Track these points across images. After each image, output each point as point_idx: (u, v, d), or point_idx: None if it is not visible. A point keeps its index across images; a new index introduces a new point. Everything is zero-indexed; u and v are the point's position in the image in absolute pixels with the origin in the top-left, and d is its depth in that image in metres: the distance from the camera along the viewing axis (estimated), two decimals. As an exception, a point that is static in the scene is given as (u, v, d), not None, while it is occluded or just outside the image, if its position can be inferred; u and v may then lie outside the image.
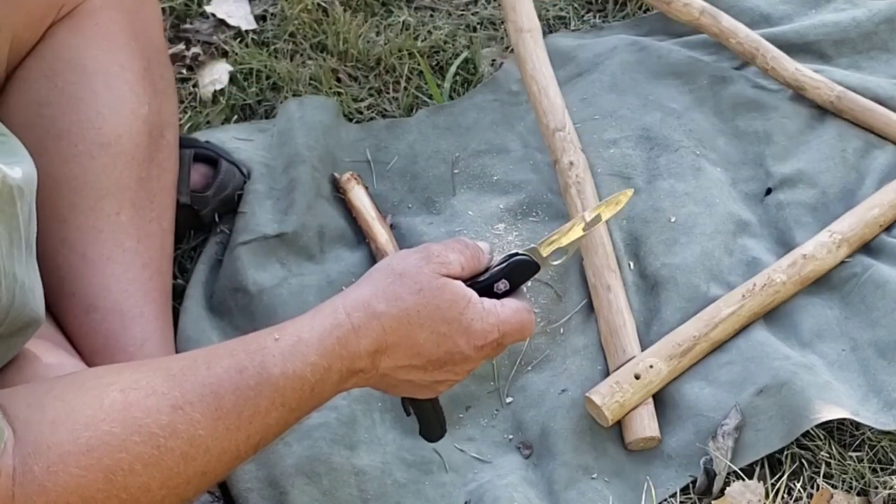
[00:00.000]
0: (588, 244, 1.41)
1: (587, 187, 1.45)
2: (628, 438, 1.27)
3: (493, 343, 1.05)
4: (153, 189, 1.30)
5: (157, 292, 1.27)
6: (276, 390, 0.96)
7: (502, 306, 1.05)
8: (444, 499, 1.26)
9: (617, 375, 1.29)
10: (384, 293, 1.01)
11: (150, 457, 0.89)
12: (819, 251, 1.39)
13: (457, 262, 1.04)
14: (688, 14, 1.61)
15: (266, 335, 0.99)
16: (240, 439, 0.95)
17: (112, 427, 0.88)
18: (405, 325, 1.01)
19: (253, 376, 0.95)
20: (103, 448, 0.87)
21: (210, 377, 0.94)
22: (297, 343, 0.98)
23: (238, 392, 0.94)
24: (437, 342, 1.03)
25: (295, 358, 0.97)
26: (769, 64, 1.57)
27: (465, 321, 1.03)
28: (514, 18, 1.56)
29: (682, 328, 1.33)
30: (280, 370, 0.96)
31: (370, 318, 1.00)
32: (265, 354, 0.96)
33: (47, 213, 1.22)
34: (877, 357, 1.32)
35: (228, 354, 0.96)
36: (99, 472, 0.87)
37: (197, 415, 0.92)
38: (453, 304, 1.02)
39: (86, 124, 1.24)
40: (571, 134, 1.49)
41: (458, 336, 1.03)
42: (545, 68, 1.54)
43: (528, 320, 1.07)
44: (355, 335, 1.00)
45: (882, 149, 1.52)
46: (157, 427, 0.90)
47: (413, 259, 1.03)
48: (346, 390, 1.05)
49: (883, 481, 1.23)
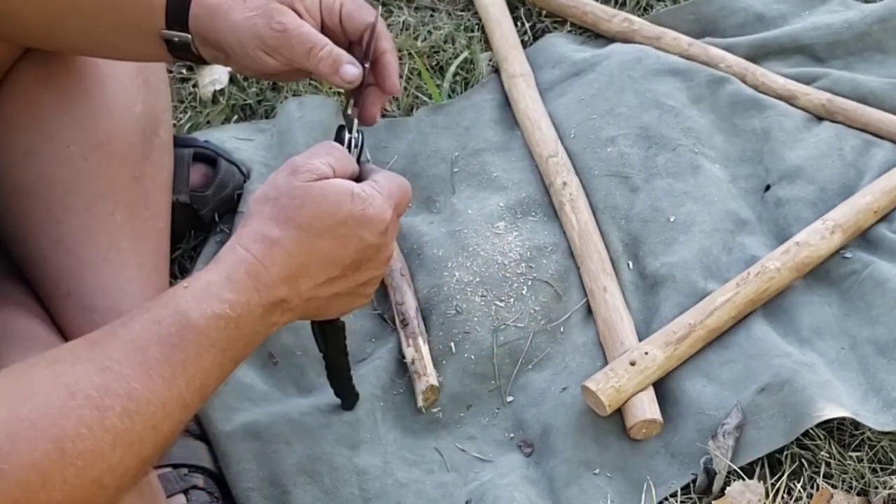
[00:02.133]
0: (584, 251, 1.43)
1: (580, 203, 1.48)
2: (629, 423, 1.27)
3: (392, 221, 1.05)
4: (148, 188, 1.29)
5: (154, 291, 1.27)
6: (199, 332, 0.96)
7: (377, 183, 1.06)
8: (446, 498, 1.26)
9: (612, 364, 1.30)
10: (272, 219, 1.01)
11: (92, 418, 0.89)
12: (812, 237, 1.40)
13: (325, 165, 1.04)
14: (677, 47, 1.68)
15: (175, 287, 0.99)
16: (180, 386, 0.95)
17: (48, 398, 0.88)
18: (305, 241, 1.01)
19: (172, 324, 0.95)
20: (45, 419, 0.87)
21: (129, 334, 0.94)
22: (207, 285, 0.98)
23: (161, 342, 0.94)
24: (344, 244, 1.03)
25: (209, 298, 0.97)
26: (759, 80, 1.63)
27: (358, 213, 1.03)
28: (507, 66, 1.68)
29: (678, 318, 1.34)
30: (198, 313, 0.96)
31: (270, 247, 1.00)
32: (178, 302, 0.97)
33: (41, 215, 1.22)
34: (876, 355, 1.32)
35: (143, 311, 0.97)
36: (47, 442, 0.87)
37: (126, 370, 0.92)
38: (339, 202, 1.02)
39: (78, 125, 1.24)
40: (564, 158, 1.54)
41: (360, 229, 1.03)
42: (538, 106, 1.62)
43: (403, 181, 1.08)
44: (262, 266, 1.00)
45: (880, 146, 1.53)
46: (91, 388, 0.90)
47: (282, 178, 1.03)
48: (278, 325, 1.04)
49: (883, 481, 1.23)
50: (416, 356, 1.34)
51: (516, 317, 1.39)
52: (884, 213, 1.45)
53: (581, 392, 1.29)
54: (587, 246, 1.44)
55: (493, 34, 1.72)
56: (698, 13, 1.75)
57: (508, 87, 1.66)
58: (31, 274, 1.24)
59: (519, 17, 1.77)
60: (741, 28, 1.72)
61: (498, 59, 1.70)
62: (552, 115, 1.61)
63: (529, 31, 1.76)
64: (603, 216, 1.47)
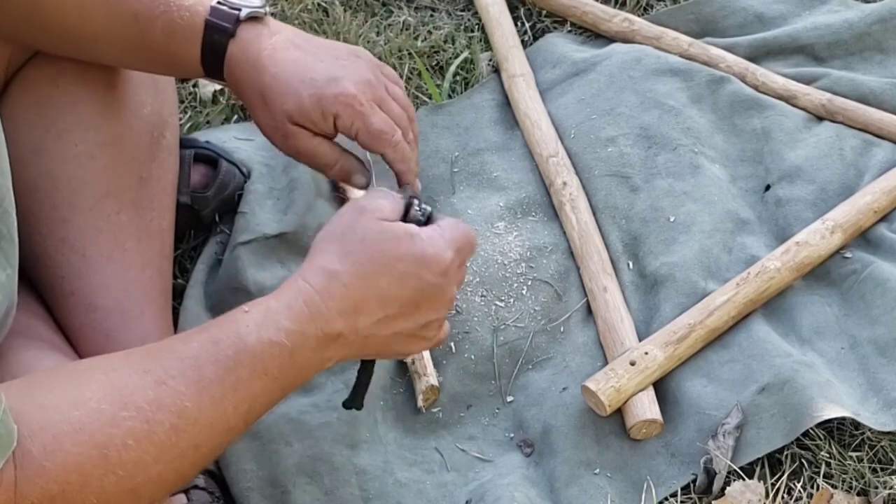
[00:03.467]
0: (583, 251, 1.43)
1: (580, 203, 1.48)
2: (629, 423, 1.27)
3: (453, 263, 1.07)
4: (153, 189, 1.30)
5: (157, 292, 1.28)
6: (254, 357, 0.98)
7: (440, 227, 1.09)
8: (446, 498, 1.26)
9: (612, 364, 1.30)
10: (334, 254, 1.04)
11: (140, 431, 0.91)
12: (812, 237, 1.40)
13: (387, 206, 1.08)
14: (677, 47, 1.68)
15: (236, 310, 1.01)
16: (227, 409, 0.96)
17: (100, 404, 0.90)
18: (364, 276, 1.03)
19: (230, 346, 0.97)
20: (94, 424, 0.89)
21: (188, 351, 0.96)
22: (267, 311, 1.00)
23: (217, 362, 0.96)
24: (401, 282, 1.05)
25: (267, 325, 0.99)
26: (759, 80, 1.63)
27: (418, 252, 1.05)
28: (507, 67, 1.68)
29: (678, 318, 1.34)
30: (255, 337, 0.98)
31: (329, 280, 1.02)
32: (238, 325, 0.98)
33: (47, 213, 1.23)
34: (876, 355, 1.33)
35: (202, 330, 0.99)
36: (93, 448, 0.88)
37: (181, 387, 0.93)
38: (398, 241, 1.05)
39: (86, 124, 1.24)
40: (564, 159, 1.54)
41: (419, 268, 1.05)
42: (538, 106, 1.62)
43: (467, 229, 1.10)
44: (320, 298, 1.02)
45: (880, 146, 1.53)
46: (144, 401, 0.91)
47: (348, 216, 1.07)
48: (332, 360, 1.05)
49: (883, 481, 1.23)
50: (416, 356, 1.34)
51: (516, 317, 1.39)
52: (884, 213, 1.45)
53: (581, 392, 1.29)
54: (587, 246, 1.44)
55: (493, 34, 1.73)
56: (698, 13, 1.75)
57: (508, 87, 1.66)
58: (34, 271, 1.24)
59: (519, 17, 1.77)
60: (741, 28, 1.73)
61: (498, 59, 1.70)
62: (552, 115, 1.61)
63: (529, 31, 1.76)
64: (603, 216, 1.48)
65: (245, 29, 1.18)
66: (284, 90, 1.18)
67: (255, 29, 1.19)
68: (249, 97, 1.20)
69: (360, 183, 1.24)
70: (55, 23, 1.17)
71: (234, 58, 1.18)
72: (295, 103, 1.17)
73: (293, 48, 1.19)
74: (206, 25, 1.17)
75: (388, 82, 1.23)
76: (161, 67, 1.26)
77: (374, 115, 1.19)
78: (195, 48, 1.18)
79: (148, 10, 1.17)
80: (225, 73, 1.19)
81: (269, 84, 1.18)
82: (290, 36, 1.21)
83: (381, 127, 1.19)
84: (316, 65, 1.19)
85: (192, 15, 1.17)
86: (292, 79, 1.17)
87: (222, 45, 1.18)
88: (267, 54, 1.18)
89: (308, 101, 1.17)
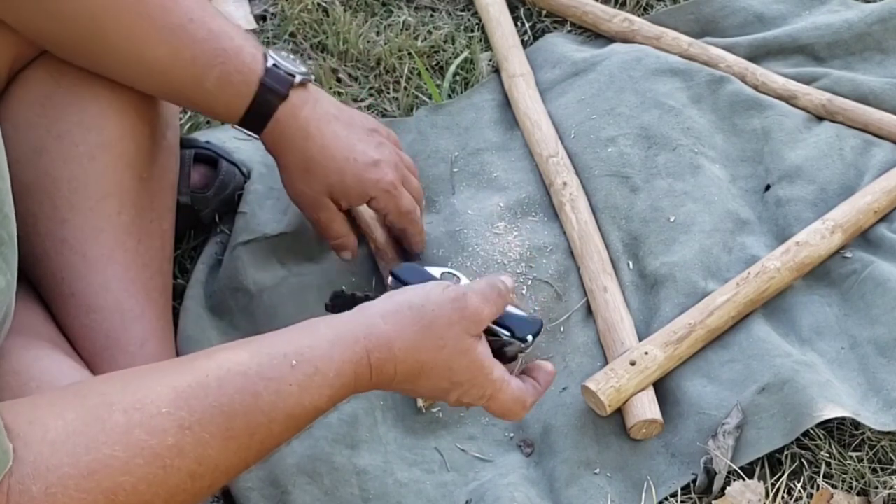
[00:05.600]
0: (584, 251, 1.43)
1: (580, 203, 1.48)
2: (629, 423, 1.27)
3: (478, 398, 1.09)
4: (154, 189, 1.30)
5: (157, 292, 1.27)
6: (289, 417, 0.96)
7: (526, 378, 1.12)
8: (446, 498, 1.26)
9: (612, 364, 1.30)
10: (407, 340, 1.02)
11: (154, 477, 0.87)
12: (812, 237, 1.40)
13: (489, 317, 1.08)
14: (677, 47, 1.68)
15: (282, 359, 0.96)
16: (250, 457, 0.95)
17: (114, 451, 0.86)
18: (415, 374, 1.04)
19: (267, 403, 0.94)
20: (105, 471, 0.85)
21: (221, 397, 0.92)
22: (315, 374, 0.97)
23: (250, 416, 0.93)
24: (433, 390, 1.07)
25: (311, 391, 0.97)
26: (759, 80, 1.63)
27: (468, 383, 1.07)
28: (507, 66, 1.68)
29: (678, 318, 1.34)
30: (296, 400, 0.96)
31: (387, 360, 1.02)
32: (281, 383, 0.95)
33: (47, 214, 1.22)
34: (876, 355, 1.33)
35: (241, 373, 0.94)
36: (100, 494, 0.85)
37: (206, 435, 0.90)
38: (467, 370, 1.06)
39: (87, 124, 1.24)
40: (564, 159, 1.54)
41: (454, 389, 1.07)
42: (537, 105, 1.62)
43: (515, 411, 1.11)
44: (370, 372, 1.01)
45: (880, 146, 1.53)
46: (163, 448, 0.88)
47: (447, 310, 1.04)
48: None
49: (883, 481, 1.23)
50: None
51: (516, 317, 1.39)
52: (884, 212, 1.45)
53: (581, 392, 1.29)
54: (587, 246, 1.44)
55: (493, 34, 1.73)
56: (698, 13, 1.75)
57: (508, 87, 1.66)
58: (34, 272, 1.24)
59: (519, 17, 1.77)
60: (741, 28, 1.73)
61: (498, 59, 1.70)
62: (552, 115, 1.61)
63: (529, 31, 1.76)
64: (603, 216, 1.48)
65: (295, 94, 1.26)
66: (329, 164, 1.28)
67: (303, 95, 1.27)
68: (289, 160, 1.29)
69: (346, 258, 1.38)
70: (115, 49, 1.20)
71: (282, 122, 1.26)
72: (338, 180, 1.29)
73: (335, 121, 1.29)
74: (261, 84, 1.24)
75: (403, 155, 1.38)
76: (195, 106, 1.33)
77: (403, 197, 1.33)
78: (244, 102, 1.25)
79: (208, 57, 1.21)
80: (266, 131, 1.27)
81: (314, 155, 1.28)
82: (328, 107, 1.30)
83: (409, 208, 1.34)
84: (356, 144, 1.30)
85: (249, 72, 1.24)
86: (337, 154, 1.28)
87: (273, 107, 1.25)
88: (315, 125, 1.27)
89: (350, 181, 1.29)
